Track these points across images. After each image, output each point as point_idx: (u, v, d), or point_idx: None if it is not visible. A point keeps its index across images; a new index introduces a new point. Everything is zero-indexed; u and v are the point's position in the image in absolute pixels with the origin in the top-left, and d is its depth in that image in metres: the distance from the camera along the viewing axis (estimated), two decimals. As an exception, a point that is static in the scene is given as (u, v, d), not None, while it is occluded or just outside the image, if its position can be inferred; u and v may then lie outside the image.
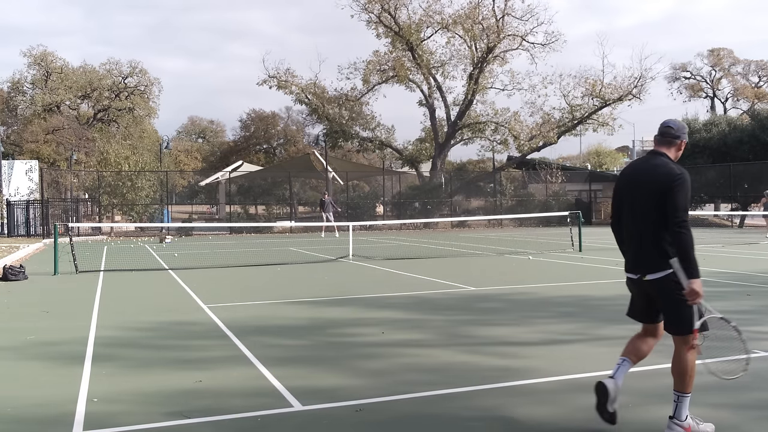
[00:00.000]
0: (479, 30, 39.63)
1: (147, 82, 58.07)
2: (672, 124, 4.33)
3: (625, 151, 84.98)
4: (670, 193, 4.03)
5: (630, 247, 4.32)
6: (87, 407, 4.95)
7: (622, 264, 4.57)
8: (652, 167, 4.22)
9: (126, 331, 7.97)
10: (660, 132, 4.33)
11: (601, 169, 63.69)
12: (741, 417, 4.47)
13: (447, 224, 37.63)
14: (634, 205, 4.25)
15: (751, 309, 8.85)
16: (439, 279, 12.93)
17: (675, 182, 4.04)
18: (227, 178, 41.48)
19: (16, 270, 13.68)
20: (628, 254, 4.36)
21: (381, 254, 19.17)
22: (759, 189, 35.05)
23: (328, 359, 6.41)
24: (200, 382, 5.61)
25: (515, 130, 40.48)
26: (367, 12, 39.78)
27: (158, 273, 14.84)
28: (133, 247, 23.79)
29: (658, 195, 4.07)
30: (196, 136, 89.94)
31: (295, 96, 42.31)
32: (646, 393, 5.09)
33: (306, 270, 15.22)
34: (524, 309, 9.32)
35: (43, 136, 49.36)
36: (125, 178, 34.77)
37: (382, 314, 9.00)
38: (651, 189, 4.12)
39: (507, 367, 5.98)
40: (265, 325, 8.33)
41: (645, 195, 4.16)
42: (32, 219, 30.77)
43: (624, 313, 4.67)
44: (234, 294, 11.14)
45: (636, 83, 40.14)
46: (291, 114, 73.03)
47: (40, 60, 55.17)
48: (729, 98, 70.14)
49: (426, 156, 45.04)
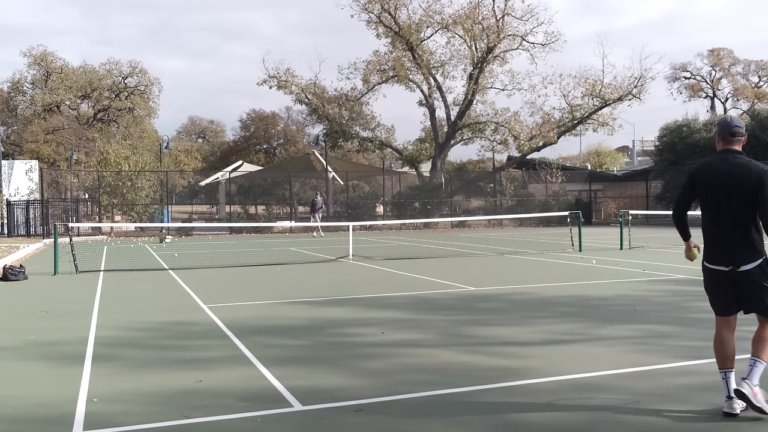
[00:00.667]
0: (479, 30, 39.65)
1: (147, 82, 58.10)
2: (739, 123, 4.67)
3: (625, 151, 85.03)
4: (762, 187, 4.38)
5: (724, 243, 4.52)
6: (87, 407, 4.95)
7: (622, 264, 4.58)
8: (744, 166, 4.51)
9: (126, 331, 7.97)
10: (732, 132, 4.61)
11: (601, 169, 63.68)
12: (741, 417, 4.47)
13: (447, 224, 37.63)
14: (731, 203, 4.49)
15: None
16: (439, 279, 12.93)
17: (766, 177, 4.42)
18: (227, 178, 41.49)
19: (16, 270, 13.68)
20: (720, 249, 4.54)
21: (381, 254, 19.17)
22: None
23: (328, 359, 6.41)
24: (200, 382, 5.61)
25: (515, 130, 40.48)
26: (367, 12, 39.81)
27: (158, 273, 14.84)
28: (133, 247, 23.79)
29: (754, 190, 4.40)
30: (196, 136, 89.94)
31: (295, 96, 42.34)
32: (646, 393, 5.09)
33: (306, 270, 15.22)
34: (524, 309, 9.32)
35: (43, 136, 49.36)
36: (125, 178, 34.77)
37: (382, 314, 9.00)
38: (749, 186, 4.42)
39: (507, 367, 5.98)
40: (265, 325, 8.33)
41: (744, 192, 4.45)
42: (32, 219, 30.78)
43: (624, 312, 4.67)
44: (234, 294, 11.13)
45: (636, 83, 40.18)
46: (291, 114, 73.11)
47: (40, 60, 55.18)
48: (729, 98, 70.15)
49: (426, 156, 45.04)
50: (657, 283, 11.76)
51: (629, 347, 6.71)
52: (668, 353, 6.37)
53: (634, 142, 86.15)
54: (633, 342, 6.95)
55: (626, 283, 11.88)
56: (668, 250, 18.26)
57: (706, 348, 4.52)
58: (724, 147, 4.63)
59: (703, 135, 38.85)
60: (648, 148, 75.97)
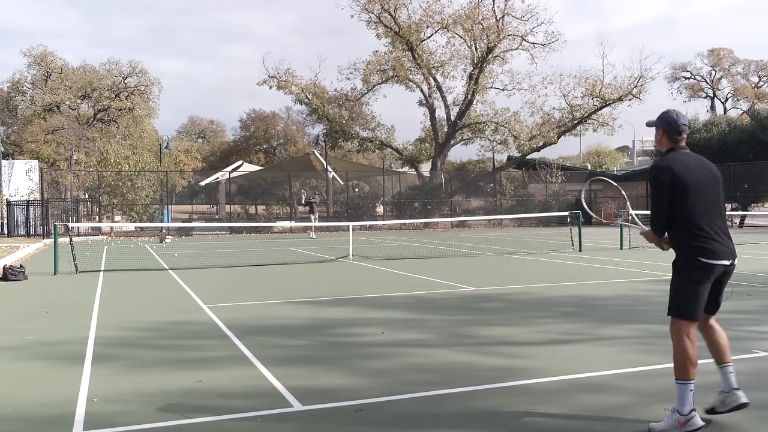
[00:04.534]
0: (479, 30, 39.64)
1: (147, 82, 58.10)
2: (685, 120, 4.54)
3: (625, 151, 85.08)
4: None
5: (721, 238, 4.37)
6: (87, 407, 4.95)
7: (622, 264, 4.57)
8: (706, 161, 4.52)
9: (126, 331, 7.97)
10: (680, 131, 4.46)
11: (601, 169, 63.67)
12: (741, 417, 4.47)
13: (447, 224, 37.63)
14: (719, 197, 4.45)
15: (752, 309, 8.84)
16: (439, 279, 12.92)
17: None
18: (227, 178, 41.51)
19: (16, 270, 13.67)
20: (722, 243, 4.35)
21: (381, 254, 19.17)
22: (759, 189, 35.09)
23: (328, 359, 6.41)
24: (200, 382, 5.60)
25: (515, 130, 40.48)
26: (367, 12, 39.80)
27: (158, 273, 14.84)
28: (133, 247, 23.79)
29: (721, 183, 4.50)
30: (196, 136, 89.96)
31: (295, 96, 42.32)
32: (646, 393, 5.09)
33: (306, 270, 15.22)
34: (524, 309, 9.31)
35: (43, 136, 49.34)
36: (125, 178, 34.78)
37: (382, 314, 9.00)
38: (720, 179, 4.51)
39: (507, 367, 5.98)
40: (265, 325, 8.33)
41: (721, 189, 4.49)
42: (32, 219, 30.78)
43: (625, 312, 4.66)
44: (234, 294, 11.13)
45: (636, 83, 40.16)
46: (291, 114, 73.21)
47: (40, 60, 55.18)
48: (729, 98, 70.21)
49: (426, 156, 45.04)
50: (657, 283, 11.74)
51: (629, 347, 6.70)
52: (668, 353, 6.32)
53: (634, 142, 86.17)
54: (633, 342, 6.94)
55: (626, 283, 11.87)
56: (668, 250, 18.23)
57: (706, 348, 4.51)
58: (678, 144, 4.46)
59: (702, 135, 38.80)
60: (648, 148, 75.89)
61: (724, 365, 4.42)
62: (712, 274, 4.32)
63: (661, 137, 4.53)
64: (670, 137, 4.47)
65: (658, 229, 4.44)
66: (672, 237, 4.42)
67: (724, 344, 4.45)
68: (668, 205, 4.33)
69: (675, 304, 4.33)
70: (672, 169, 4.33)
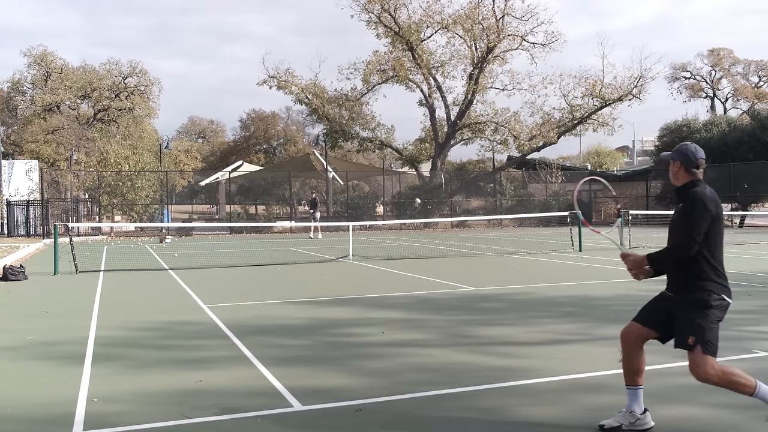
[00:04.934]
0: (479, 30, 39.63)
1: (147, 82, 58.05)
2: (702, 154, 4.35)
3: (625, 151, 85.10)
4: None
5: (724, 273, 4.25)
6: (87, 407, 4.95)
7: (622, 264, 4.59)
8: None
9: (126, 331, 7.97)
10: (698, 165, 4.30)
11: (601, 169, 63.66)
12: (741, 417, 4.47)
13: (447, 224, 37.62)
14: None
15: (751, 309, 8.84)
16: (439, 279, 12.92)
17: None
18: (227, 178, 41.50)
19: (16, 270, 13.67)
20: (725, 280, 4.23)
21: (381, 254, 19.17)
22: (759, 189, 35.08)
23: (328, 359, 6.41)
24: (200, 382, 5.60)
25: (515, 130, 40.47)
26: (367, 12, 39.79)
27: (158, 273, 14.84)
28: (133, 247, 23.79)
29: None
30: (196, 136, 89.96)
31: (295, 96, 42.31)
32: (646, 393, 5.08)
33: (306, 270, 15.22)
34: (524, 309, 9.32)
35: (43, 136, 49.32)
36: (125, 178, 34.78)
37: (382, 314, 9.00)
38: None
39: (507, 367, 5.98)
40: (265, 325, 8.33)
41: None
42: (32, 219, 30.78)
43: (625, 312, 4.67)
44: (234, 294, 11.13)
45: (636, 83, 40.16)
46: (291, 114, 73.21)
47: (40, 60, 55.15)
48: (729, 98, 70.18)
49: (426, 156, 45.03)
50: (657, 283, 11.73)
51: (629, 347, 6.70)
52: (668, 353, 6.34)
53: (634, 142, 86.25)
54: (633, 342, 6.93)
55: (626, 283, 11.84)
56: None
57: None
58: (696, 177, 4.31)
59: (702, 135, 38.78)
60: (648, 148, 76.00)
61: (639, 387, 4.35)
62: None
63: (678, 170, 4.32)
64: (687, 171, 4.29)
65: (687, 251, 4.17)
66: (692, 269, 4.21)
67: (644, 367, 4.39)
68: (704, 237, 4.14)
69: (705, 342, 4.07)
70: (716, 202, 4.23)
